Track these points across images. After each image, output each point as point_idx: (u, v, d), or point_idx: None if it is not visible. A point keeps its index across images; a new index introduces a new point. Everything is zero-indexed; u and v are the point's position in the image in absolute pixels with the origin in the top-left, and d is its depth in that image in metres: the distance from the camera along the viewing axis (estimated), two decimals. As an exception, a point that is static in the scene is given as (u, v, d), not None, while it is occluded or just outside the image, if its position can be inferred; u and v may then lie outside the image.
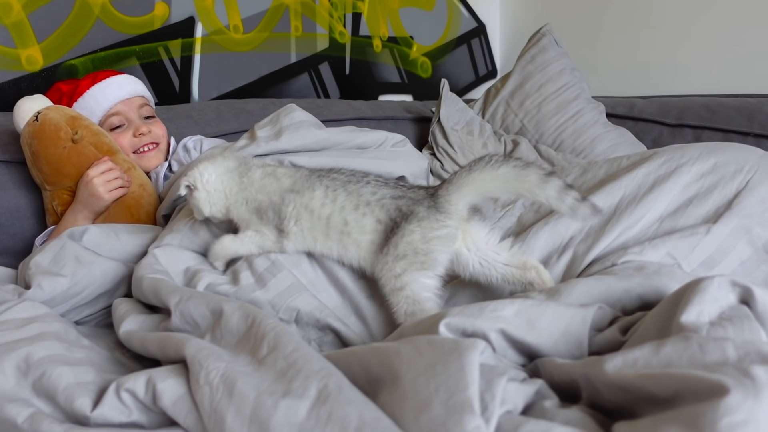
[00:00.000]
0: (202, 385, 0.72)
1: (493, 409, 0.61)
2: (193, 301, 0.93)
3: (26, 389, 0.79)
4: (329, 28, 2.46)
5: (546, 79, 2.28)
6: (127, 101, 1.55)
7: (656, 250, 0.98)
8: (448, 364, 0.64)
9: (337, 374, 0.69)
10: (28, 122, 1.34)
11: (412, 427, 0.61)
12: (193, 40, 2.08)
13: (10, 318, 0.90)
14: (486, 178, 0.94)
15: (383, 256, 0.96)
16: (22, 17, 1.72)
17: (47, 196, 1.40)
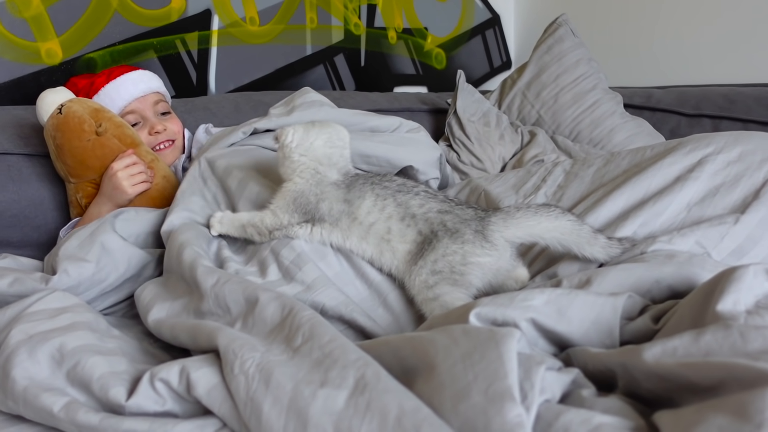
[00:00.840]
0: (237, 374, 0.72)
1: (532, 397, 0.61)
2: (229, 285, 0.93)
3: (61, 378, 0.80)
4: (344, 20, 2.46)
5: (562, 70, 2.27)
6: (142, 98, 1.55)
7: (685, 239, 0.97)
8: (485, 352, 0.64)
9: (374, 364, 0.69)
10: (52, 115, 1.34)
11: (451, 415, 0.61)
12: (209, 33, 2.08)
13: (42, 308, 0.91)
14: (544, 224, 0.97)
15: (418, 267, 0.96)
16: (41, 10, 1.73)
17: (71, 188, 1.40)
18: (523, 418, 0.58)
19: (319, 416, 0.65)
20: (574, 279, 0.88)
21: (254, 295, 0.89)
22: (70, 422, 0.73)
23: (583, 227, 0.98)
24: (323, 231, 1.05)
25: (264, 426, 0.67)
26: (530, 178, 1.28)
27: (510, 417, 0.58)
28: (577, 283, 0.87)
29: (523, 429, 0.57)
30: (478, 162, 2.00)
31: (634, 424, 0.60)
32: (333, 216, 1.03)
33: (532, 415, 0.60)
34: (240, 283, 0.93)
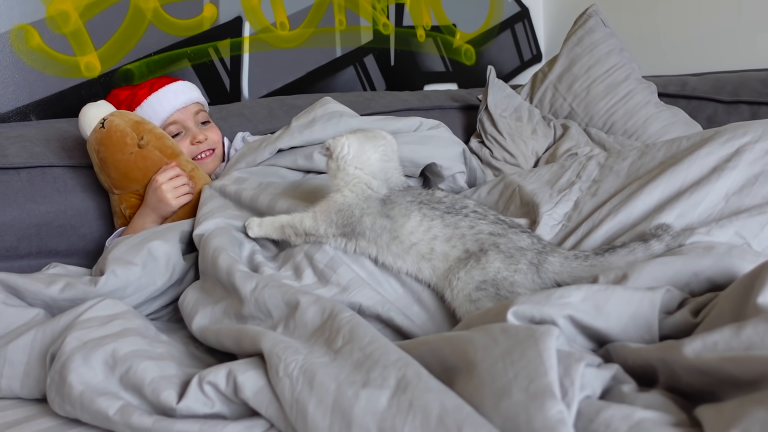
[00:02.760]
0: (282, 377, 0.74)
1: (573, 394, 0.62)
2: (268, 290, 0.96)
3: (114, 383, 0.83)
4: (373, 21, 2.47)
5: (594, 61, 2.25)
6: (184, 109, 1.58)
7: (724, 230, 0.96)
8: (525, 350, 0.65)
9: (415, 364, 0.70)
10: (95, 129, 1.38)
11: (492, 413, 0.62)
12: (241, 39, 2.12)
13: (94, 315, 0.95)
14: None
15: (460, 281, 0.96)
16: (79, 25, 1.78)
17: (115, 199, 1.44)
18: (564, 414, 0.58)
19: (363, 416, 0.66)
20: (610, 274, 0.88)
21: (294, 299, 0.92)
22: (124, 425, 0.76)
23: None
24: (358, 246, 1.05)
25: (310, 426, 0.69)
26: (564, 172, 1.28)
27: (551, 414, 0.59)
28: (614, 278, 0.87)
29: (565, 425, 0.58)
30: (511, 157, 2.00)
31: (676, 419, 0.60)
32: (374, 231, 1.02)
33: (573, 412, 0.61)
34: (279, 287, 0.96)
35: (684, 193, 1.05)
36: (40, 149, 1.51)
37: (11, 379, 0.92)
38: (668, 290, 0.80)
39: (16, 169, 1.43)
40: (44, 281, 1.05)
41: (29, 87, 1.72)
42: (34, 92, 1.73)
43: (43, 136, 1.56)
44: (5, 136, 1.52)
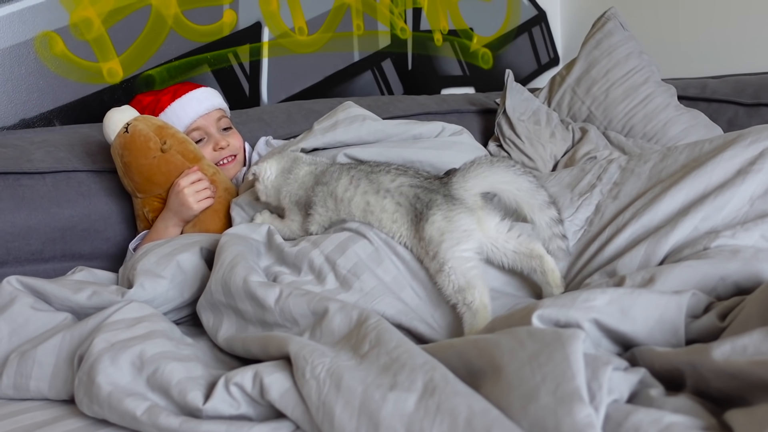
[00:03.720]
0: (309, 379, 0.75)
1: (600, 398, 0.62)
2: (293, 299, 0.96)
3: (141, 384, 0.84)
4: (390, 25, 2.48)
5: (613, 64, 2.24)
6: (206, 115, 1.59)
7: (749, 234, 0.96)
8: (552, 353, 0.65)
9: (441, 367, 0.70)
10: (119, 134, 1.39)
11: (520, 417, 0.62)
12: (260, 45, 2.14)
13: (121, 318, 0.96)
14: (500, 176, 1.06)
15: (417, 244, 1.06)
16: (102, 32, 1.81)
17: (138, 203, 1.45)
18: (593, 418, 0.58)
19: (390, 418, 0.67)
20: (636, 277, 0.88)
21: (322, 307, 0.92)
22: (152, 425, 0.77)
23: (540, 192, 1.06)
24: (320, 216, 1.18)
25: (337, 428, 0.69)
26: (585, 176, 1.27)
27: (580, 417, 0.59)
28: (640, 281, 0.87)
29: (593, 429, 0.58)
30: (530, 161, 2.00)
31: (705, 423, 0.60)
32: (321, 198, 1.17)
33: (601, 416, 0.60)
34: (303, 295, 0.96)
35: (708, 197, 1.04)
36: (65, 154, 1.53)
37: (39, 381, 0.94)
38: (694, 294, 0.80)
39: (41, 173, 1.46)
40: (72, 288, 1.07)
41: (53, 93, 1.74)
42: (57, 98, 1.75)
43: (67, 141, 1.58)
44: (30, 141, 1.54)
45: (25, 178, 1.44)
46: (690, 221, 1.02)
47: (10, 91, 1.68)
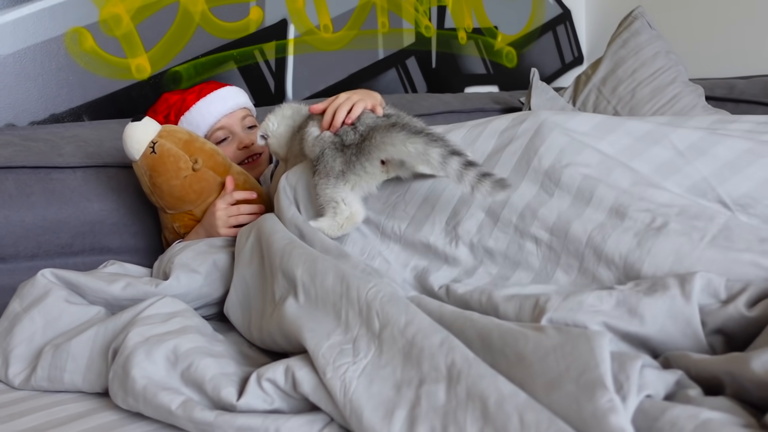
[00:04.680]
0: (331, 378, 0.76)
1: (628, 388, 0.62)
2: (292, 258, 0.97)
3: (175, 378, 0.85)
4: (415, 23, 2.48)
5: (639, 64, 2.22)
6: (231, 114, 1.58)
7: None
8: (577, 345, 0.66)
9: (458, 345, 0.72)
10: (145, 154, 1.30)
11: (543, 404, 0.63)
12: (286, 42, 2.14)
13: (155, 312, 0.97)
14: (395, 149, 1.01)
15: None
16: (131, 28, 1.82)
17: (166, 217, 1.42)
18: (616, 402, 0.59)
19: (425, 414, 0.67)
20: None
21: (313, 268, 0.93)
22: (187, 419, 0.78)
23: (430, 149, 0.97)
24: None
25: (366, 427, 0.70)
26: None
27: (601, 402, 0.59)
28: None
29: (615, 413, 0.58)
30: (555, 160, 1.98)
31: (745, 421, 0.59)
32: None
33: (629, 406, 0.61)
34: (301, 255, 0.97)
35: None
36: (94, 149, 1.55)
37: (74, 373, 0.95)
38: (702, 275, 0.78)
39: (72, 168, 1.47)
40: (106, 280, 1.08)
41: (82, 88, 1.76)
42: (86, 93, 1.77)
43: (96, 137, 1.59)
44: (60, 136, 1.56)
45: (56, 173, 1.45)
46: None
47: (40, 86, 1.70)
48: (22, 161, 1.42)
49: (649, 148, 1.01)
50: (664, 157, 0.99)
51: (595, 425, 0.59)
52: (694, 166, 0.97)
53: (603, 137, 1.03)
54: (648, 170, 0.98)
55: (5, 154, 1.41)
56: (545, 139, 1.02)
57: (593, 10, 3.03)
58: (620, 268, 0.88)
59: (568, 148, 1.01)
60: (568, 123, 1.05)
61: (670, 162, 0.99)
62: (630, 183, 0.96)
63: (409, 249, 1.06)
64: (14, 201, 1.37)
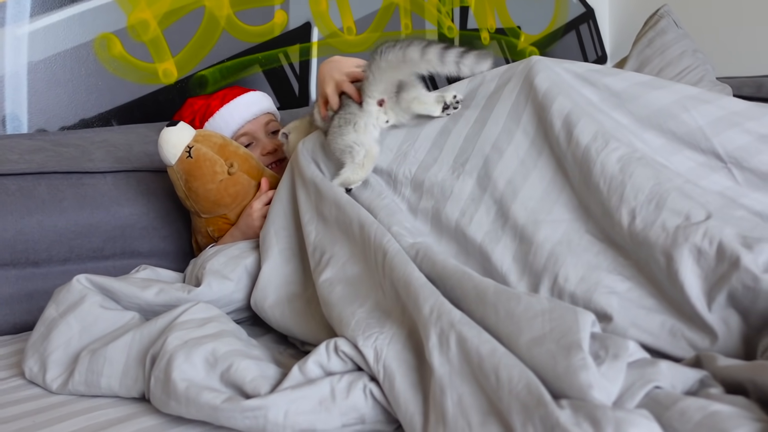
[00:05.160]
0: (363, 346, 0.85)
1: (604, 358, 0.71)
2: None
3: (215, 380, 0.86)
4: (438, 24, 2.47)
5: (666, 63, 2.19)
6: (254, 120, 1.58)
7: None
8: (564, 314, 0.74)
9: (445, 311, 0.81)
10: (181, 158, 1.31)
11: (525, 357, 0.72)
12: (310, 45, 2.15)
13: (190, 318, 0.98)
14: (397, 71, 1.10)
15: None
16: (158, 33, 1.84)
17: (200, 221, 1.43)
18: (588, 361, 0.67)
19: (440, 379, 0.75)
20: None
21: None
22: (234, 409, 0.79)
23: (426, 54, 1.04)
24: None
25: (397, 392, 0.79)
26: None
27: (575, 360, 0.67)
28: None
29: (587, 370, 0.66)
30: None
31: (757, 416, 0.61)
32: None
33: (603, 370, 0.68)
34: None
35: None
36: (124, 154, 1.57)
37: (110, 378, 0.96)
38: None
39: (102, 173, 1.49)
40: (139, 285, 1.09)
41: (111, 93, 1.78)
42: (115, 98, 1.79)
43: (125, 141, 1.61)
44: (91, 141, 1.58)
45: (87, 177, 1.47)
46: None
47: (70, 92, 1.72)
48: (54, 167, 1.44)
49: (648, 92, 1.04)
50: (664, 102, 1.02)
51: (567, 379, 0.67)
52: (690, 114, 1.00)
53: (602, 77, 1.08)
54: (643, 114, 1.03)
55: (38, 160, 1.43)
56: (537, 74, 1.08)
57: (617, 9, 3.01)
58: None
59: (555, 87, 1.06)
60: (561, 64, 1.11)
61: (667, 108, 1.01)
62: (612, 126, 1.00)
63: (418, 191, 1.10)
64: (47, 206, 1.38)
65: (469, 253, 1.02)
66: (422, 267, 0.92)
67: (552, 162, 1.01)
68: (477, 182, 1.05)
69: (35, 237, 1.36)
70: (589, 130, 0.97)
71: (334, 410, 0.80)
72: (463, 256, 1.02)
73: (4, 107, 1.63)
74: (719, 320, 0.79)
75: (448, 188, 1.07)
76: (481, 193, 1.04)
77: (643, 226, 0.87)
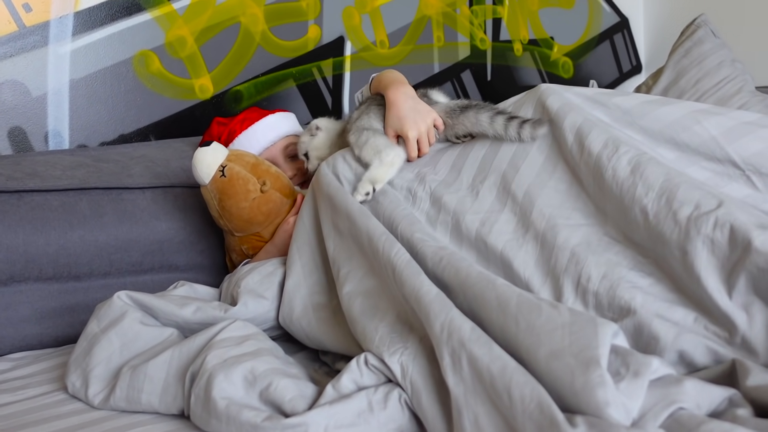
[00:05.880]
0: (391, 363, 0.87)
1: (625, 375, 0.70)
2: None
3: (254, 398, 0.87)
4: (470, 36, 2.47)
5: (703, 74, 2.16)
6: (272, 147, 1.57)
7: None
8: (584, 327, 0.74)
9: (455, 330, 0.81)
10: (215, 178, 1.33)
11: (542, 369, 0.73)
12: (343, 59, 2.17)
13: (228, 336, 0.99)
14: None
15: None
16: (194, 50, 1.87)
17: (234, 240, 1.45)
18: (606, 378, 0.67)
19: (459, 397, 0.77)
20: None
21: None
22: (274, 428, 0.80)
23: (481, 116, 1.14)
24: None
25: (424, 409, 0.82)
26: None
27: (593, 377, 0.67)
28: None
29: (604, 387, 0.66)
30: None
31: None
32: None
33: (625, 390, 0.69)
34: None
35: None
36: (162, 169, 1.59)
37: (150, 395, 0.97)
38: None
39: (141, 189, 1.52)
40: (177, 303, 1.11)
41: (149, 109, 1.82)
42: (153, 114, 1.82)
43: (162, 157, 1.64)
44: (130, 156, 1.61)
45: (126, 193, 1.50)
46: None
47: (110, 108, 1.76)
48: (95, 182, 1.47)
49: (657, 108, 1.05)
50: (674, 116, 1.03)
51: (584, 396, 0.68)
52: (702, 126, 1.00)
53: (611, 97, 1.10)
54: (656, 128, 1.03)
55: (79, 176, 1.47)
56: (549, 97, 1.11)
57: (652, 18, 2.97)
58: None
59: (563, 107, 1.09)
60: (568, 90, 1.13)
61: (678, 121, 1.02)
62: (624, 138, 1.01)
63: (436, 205, 1.12)
64: (88, 221, 1.42)
65: (490, 261, 1.03)
66: (444, 274, 0.93)
67: (567, 173, 1.04)
68: (496, 196, 1.08)
69: (77, 251, 1.39)
70: (600, 139, 1.00)
71: (373, 422, 0.82)
72: (483, 263, 1.03)
73: (46, 124, 1.68)
74: (740, 308, 0.81)
75: (467, 203, 1.10)
76: (501, 205, 1.07)
77: (656, 222, 0.89)
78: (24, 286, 1.35)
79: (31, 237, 1.35)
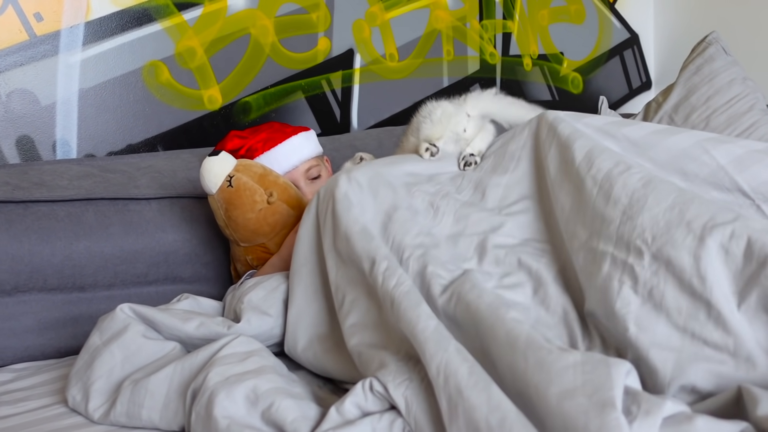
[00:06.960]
0: (395, 393, 0.84)
1: (636, 414, 0.68)
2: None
3: (256, 418, 0.86)
4: (480, 50, 2.47)
5: (714, 91, 2.14)
6: (294, 170, 1.52)
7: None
8: (597, 366, 0.72)
9: (452, 372, 0.78)
10: (221, 187, 1.33)
11: (553, 410, 0.71)
12: (352, 71, 2.17)
13: (231, 352, 0.98)
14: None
15: None
16: (204, 61, 1.87)
17: (239, 250, 1.44)
18: (622, 421, 0.66)
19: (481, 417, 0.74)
20: None
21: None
22: None
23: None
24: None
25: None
26: None
27: (609, 419, 0.66)
28: None
29: (620, 431, 0.65)
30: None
31: None
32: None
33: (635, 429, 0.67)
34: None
35: None
36: (168, 180, 1.59)
37: (151, 410, 0.96)
38: None
39: (147, 199, 1.52)
40: (180, 317, 1.09)
41: (157, 119, 1.82)
42: (161, 124, 1.83)
43: (169, 167, 1.64)
44: (137, 167, 1.61)
45: (133, 204, 1.50)
46: None
47: (119, 118, 1.76)
48: (101, 193, 1.47)
49: (666, 138, 1.04)
50: (683, 146, 1.01)
51: None
52: (711, 155, 0.99)
53: (620, 128, 1.09)
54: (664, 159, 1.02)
55: (86, 186, 1.47)
56: (559, 124, 1.11)
57: (662, 35, 2.96)
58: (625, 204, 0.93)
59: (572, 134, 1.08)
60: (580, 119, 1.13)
61: (686, 151, 1.01)
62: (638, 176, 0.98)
63: (461, 222, 1.10)
64: (94, 232, 1.41)
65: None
66: (456, 312, 0.91)
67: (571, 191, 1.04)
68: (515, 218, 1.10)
69: (83, 262, 1.39)
70: (611, 159, 0.99)
71: None
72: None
73: (54, 133, 1.68)
74: (745, 322, 0.79)
75: (493, 221, 1.10)
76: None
77: (666, 229, 0.87)
78: (28, 297, 1.35)
79: (37, 247, 1.35)
